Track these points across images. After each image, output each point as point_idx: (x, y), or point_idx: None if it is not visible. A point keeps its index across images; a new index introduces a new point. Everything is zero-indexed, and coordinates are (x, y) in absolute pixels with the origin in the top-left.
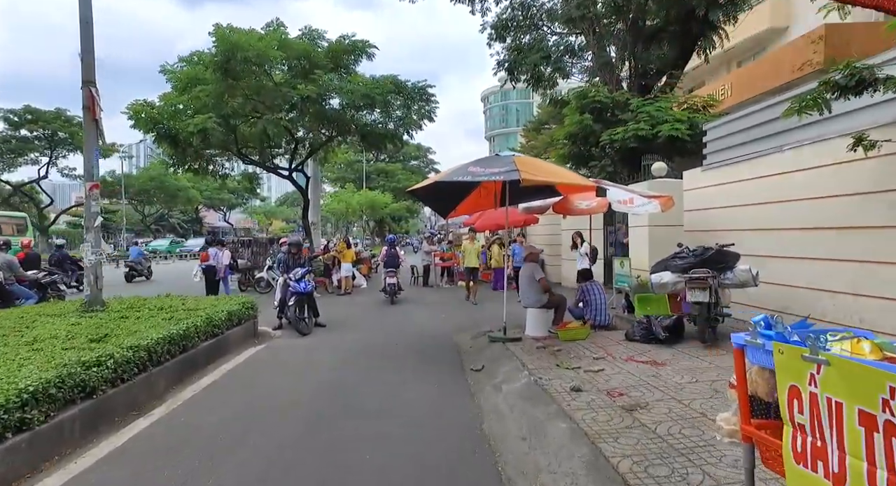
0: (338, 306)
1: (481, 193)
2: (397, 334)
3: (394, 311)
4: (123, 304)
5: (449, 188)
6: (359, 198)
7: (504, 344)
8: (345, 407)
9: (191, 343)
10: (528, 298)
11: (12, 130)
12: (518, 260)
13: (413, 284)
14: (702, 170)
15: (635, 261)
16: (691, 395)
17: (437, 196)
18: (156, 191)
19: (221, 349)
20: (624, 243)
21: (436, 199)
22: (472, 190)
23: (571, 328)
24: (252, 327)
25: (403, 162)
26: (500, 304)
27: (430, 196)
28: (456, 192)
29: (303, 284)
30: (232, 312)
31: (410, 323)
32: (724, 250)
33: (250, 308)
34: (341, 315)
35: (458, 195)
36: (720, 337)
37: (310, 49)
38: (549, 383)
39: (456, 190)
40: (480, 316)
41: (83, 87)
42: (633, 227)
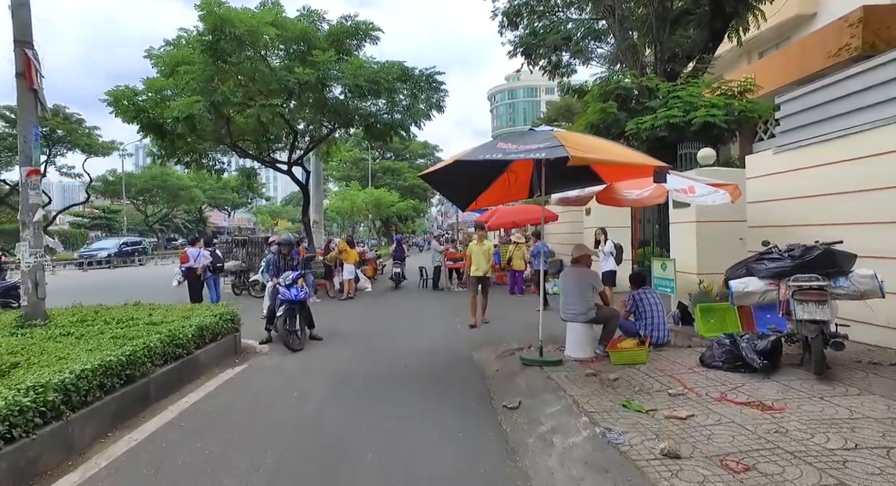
0: (338, 312)
1: (510, 179)
2: (405, 349)
3: (401, 319)
4: (75, 315)
5: (470, 172)
6: (364, 196)
7: (542, 369)
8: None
9: (139, 371)
10: (572, 309)
11: (10, 127)
12: (538, 263)
13: (422, 286)
14: (773, 152)
15: (680, 263)
16: (864, 475)
17: (455, 183)
18: (158, 190)
19: (187, 374)
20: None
21: (454, 186)
22: (500, 175)
23: (627, 349)
24: (233, 342)
25: (410, 160)
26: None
27: (447, 183)
28: (479, 177)
29: (294, 290)
30: (205, 326)
31: (421, 335)
32: (834, 250)
33: (230, 320)
34: (341, 325)
35: (482, 181)
36: (834, 365)
37: (309, 30)
38: (623, 438)
39: (479, 174)
40: (501, 326)
41: (15, 48)
42: (676, 223)
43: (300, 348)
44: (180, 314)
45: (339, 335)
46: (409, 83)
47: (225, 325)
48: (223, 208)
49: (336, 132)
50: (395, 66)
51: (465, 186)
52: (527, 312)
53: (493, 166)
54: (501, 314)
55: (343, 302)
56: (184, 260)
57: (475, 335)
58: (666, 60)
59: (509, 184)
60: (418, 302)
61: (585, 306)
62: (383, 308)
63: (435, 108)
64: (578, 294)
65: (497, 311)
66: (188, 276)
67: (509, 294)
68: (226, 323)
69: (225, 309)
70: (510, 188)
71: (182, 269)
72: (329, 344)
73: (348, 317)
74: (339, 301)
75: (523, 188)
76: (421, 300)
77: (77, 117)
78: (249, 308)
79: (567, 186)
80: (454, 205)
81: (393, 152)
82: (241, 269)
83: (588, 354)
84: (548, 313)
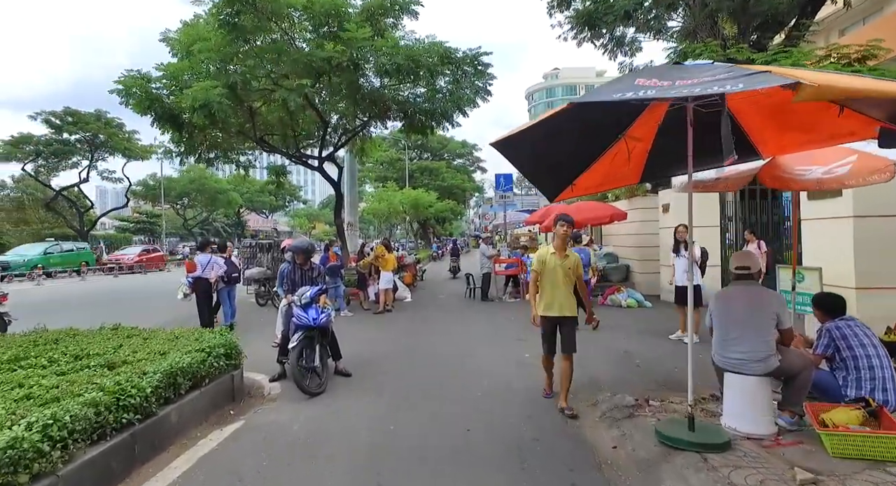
0: (373, 330)
1: (624, 151)
2: (462, 395)
3: (449, 341)
4: (17, 346)
5: (570, 138)
6: (401, 197)
7: (701, 456)
8: None
9: (31, 466)
10: (742, 351)
11: (54, 133)
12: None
13: (469, 296)
14: None
15: (829, 273)
16: None
17: (545, 156)
18: (196, 194)
19: (143, 449)
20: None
21: (542, 161)
22: (612, 144)
23: (858, 433)
24: (229, 384)
25: (448, 160)
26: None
27: (531, 156)
28: (582, 146)
29: (313, 312)
30: (185, 369)
31: (478, 368)
32: None
33: (224, 356)
34: (376, 349)
35: (584, 154)
36: None
37: (340, 4)
38: None
39: (582, 142)
40: (584, 354)
41: None
42: (815, 219)
43: (319, 391)
44: (160, 347)
45: (373, 368)
46: (451, 66)
47: (216, 363)
48: (261, 212)
49: (371, 125)
50: (438, 46)
51: (558, 163)
52: (614, 334)
53: (603, 132)
54: (582, 339)
55: (379, 316)
56: (190, 269)
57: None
58: (753, 30)
59: (621, 160)
60: (467, 317)
61: (765, 348)
62: (426, 325)
63: (482, 93)
64: (753, 329)
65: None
66: (196, 288)
67: None
68: (217, 361)
69: (218, 339)
70: (621, 167)
71: (189, 279)
72: (359, 383)
73: (385, 338)
74: (374, 315)
75: (637, 166)
76: (470, 315)
77: (118, 122)
78: (270, 322)
79: (703, 162)
80: (539, 192)
81: (430, 152)
82: (265, 276)
83: (768, 428)
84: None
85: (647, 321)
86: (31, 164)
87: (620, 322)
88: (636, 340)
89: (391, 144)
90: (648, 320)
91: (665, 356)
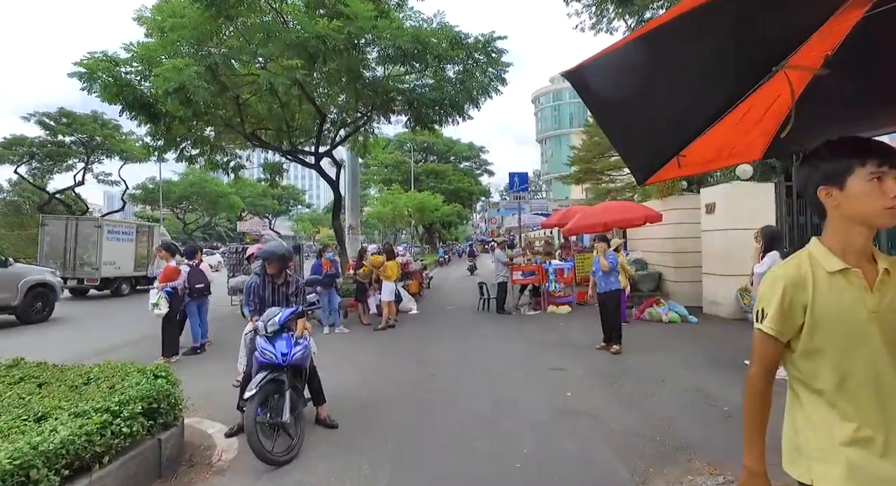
0: (372, 354)
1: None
2: (494, 466)
3: (466, 370)
4: None
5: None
6: (406, 199)
7: None
8: None
9: None
10: None
11: (50, 134)
12: (613, 281)
13: (482, 309)
14: None
15: None
16: None
17: (645, 108)
18: (196, 197)
19: None
20: None
21: (642, 116)
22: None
23: None
24: (154, 455)
25: (454, 162)
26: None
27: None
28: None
29: (283, 345)
30: (54, 452)
31: (507, 412)
32: None
33: (148, 415)
34: (372, 383)
35: (703, 109)
36: None
37: None
38: None
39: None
40: (644, 390)
41: None
42: None
43: (288, 458)
44: (50, 402)
45: (368, 415)
46: (462, 53)
47: (127, 428)
48: (263, 216)
49: (373, 119)
50: (447, 29)
51: (665, 126)
52: (670, 362)
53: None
54: (624, 364)
55: (380, 333)
56: (170, 277)
57: (604, 414)
58: None
59: (753, 118)
60: (484, 335)
61: None
62: (436, 347)
63: (497, 81)
64: None
65: (607, 356)
66: (172, 301)
67: None
68: (130, 425)
69: (143, 387)
70: (747, 131)
71: (167, 289)
72: (348, 440)
73: (385, 366)
74: (374, 331)
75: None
76: (487, 332)
77: (114, 123)
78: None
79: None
80: (630, 170)
81: (436, 155)
82: None
83: None
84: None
85: (703, 342)
86: (24, 166)
87: (670, 343)
88: (706, 371)
89: (396, 146)
90: (702, 340)
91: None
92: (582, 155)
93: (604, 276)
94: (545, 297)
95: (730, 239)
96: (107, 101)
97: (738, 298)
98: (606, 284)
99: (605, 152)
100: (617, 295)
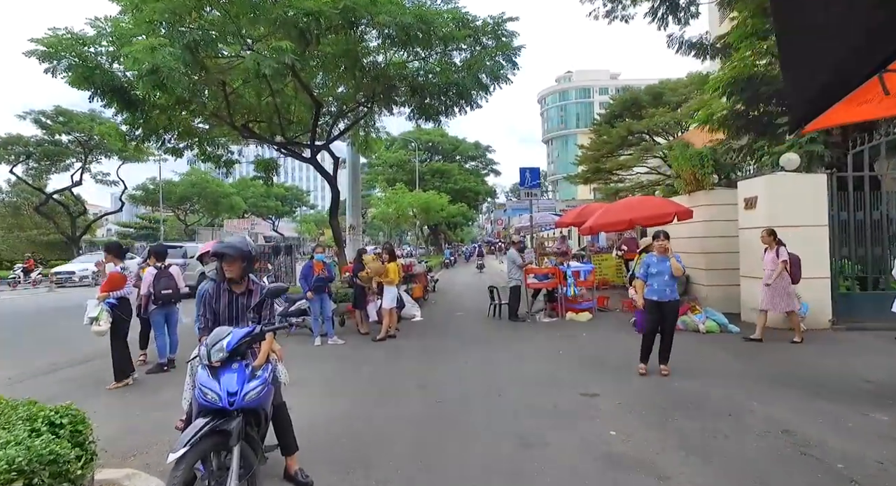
0: (364, 375)
1: None
2: None
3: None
4: None
5: None
6: (410, 198)
7: None
8: None
9: None
10: None
11: (46, 133)
12: (669, 283)
13: (492, 315)
14: None
15: None
16: None
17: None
18: (198, 198)
19: None
20: None
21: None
22: None
23: None
24: None
25: (460, 162)
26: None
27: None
28: None
29: (232, 380)
30: None
31: (547, 465)
32: None
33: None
34: (364, 418)
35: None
36: None
37: None
38: None
39: None
40: (714, 429)
41: None
42: None
43: None
44: None
45: (355, 463)
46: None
47: None
48: (267, 217)
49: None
50: (455, 11)
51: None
52: (728, 388)
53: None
54: (671, 390)
55: (378, 345)
56: (115, 285)
57: (668, 468)
58: None
59: None
60: (497, 348)
61: None
62: (443, 363)
63: (509, 64)
64: None
65: (647, 379)
66: (116, 314)
67: (637, 332)
68: None
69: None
70: None
71: (110, 301)
72: None
73: (382, 387)
74: (373, 343)
75: None
76: (500, 344)
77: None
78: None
79: None
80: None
81: (441, 154)
82: None
83: None
84: None
85: (755, 358)
86: (21, 166)
87: (715, 360)
88: (780, 400)
89: (401, 145)
90: (753, 355)
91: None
92: (590, 154)
93: (669, 281)
94: (563, 302)
95: None
96: (74, 85)
97: None
98: (671, 292)
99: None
100: (678, 306)
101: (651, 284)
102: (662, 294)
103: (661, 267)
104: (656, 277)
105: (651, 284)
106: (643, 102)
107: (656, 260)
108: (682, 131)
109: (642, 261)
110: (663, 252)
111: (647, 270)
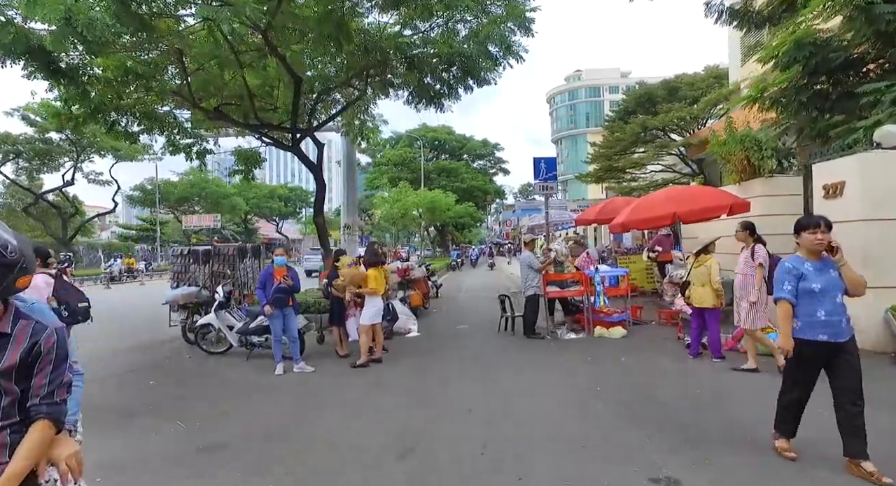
0: (334, 416)
1: None
2: None
3: (495, 477)
4: None
5: None
6: (415, 198)
7: None
8: None
9: None
10: None
11: (38, 132)
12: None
13: (504, 329)
14: None
15: None
16: None
17: None
18: (198, 199)
19: None
20: None
21: None
22: None
23: None
24: None
25: (467, 160)
26: None
27: None
28: None
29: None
30: None
31: None
32: None
33: None
34: None
35: None
36: None
37: None
38: None
39: None
40: None
41: None
42: None
43: None
44: None
45: None
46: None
47: None
48: (270, 219)
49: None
50: None
51: None
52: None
53: None
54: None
55: (357, 372)
56: None
57: None
58: None
59: None
60: (512, 375)
61: None
62: (438, 402)
63: (522, 31)
64: None
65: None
66: None
67: (691, 356)
68: None
69: None
70: None
71: None
72: None
73: (345, 439)
74: (350, 369)
75: None
76: (516, 371)
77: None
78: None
79: None
80: None
81: (448, 152)
82: (198, 300)
83: None
84: None
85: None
86: (10, 165)
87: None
88: None
89: (406, 143)
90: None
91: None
92: (603, 152)
93: (842, 305)
94: (590, 315)
95: (869, 234)
96: (9, 57)
97: (888, 320)
98: (847, 323)
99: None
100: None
101: (808, 309)
102: (837, 329)
103: (828, 278)
104: (820, 296)
105: (808, 309)
106: (658, 98)
107: (812, 267)
108: (699, 127)
109: (784, 268)
110: (827, 252)
111: (799, 283)
